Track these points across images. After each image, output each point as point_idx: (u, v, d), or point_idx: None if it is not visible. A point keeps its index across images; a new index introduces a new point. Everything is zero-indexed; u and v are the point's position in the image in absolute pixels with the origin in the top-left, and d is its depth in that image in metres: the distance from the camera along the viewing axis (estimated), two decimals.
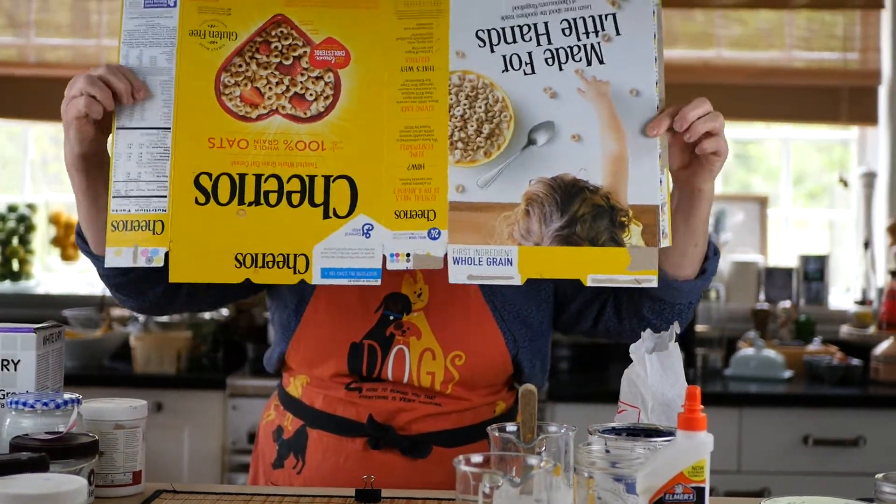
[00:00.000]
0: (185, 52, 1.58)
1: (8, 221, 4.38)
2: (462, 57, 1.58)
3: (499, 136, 1.54)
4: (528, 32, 1.59)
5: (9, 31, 4.38)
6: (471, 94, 1.57)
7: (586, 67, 1.58)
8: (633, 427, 1.43)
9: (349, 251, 1.52)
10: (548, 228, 1.53)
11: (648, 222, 1.55)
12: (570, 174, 1.55)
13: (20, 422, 1.52)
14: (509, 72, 1.58)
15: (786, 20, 4.36)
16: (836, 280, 4.41)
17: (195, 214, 1.53)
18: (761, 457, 3.49)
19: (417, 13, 1.61)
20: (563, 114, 1.57)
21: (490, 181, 1.52)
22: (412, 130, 1.54)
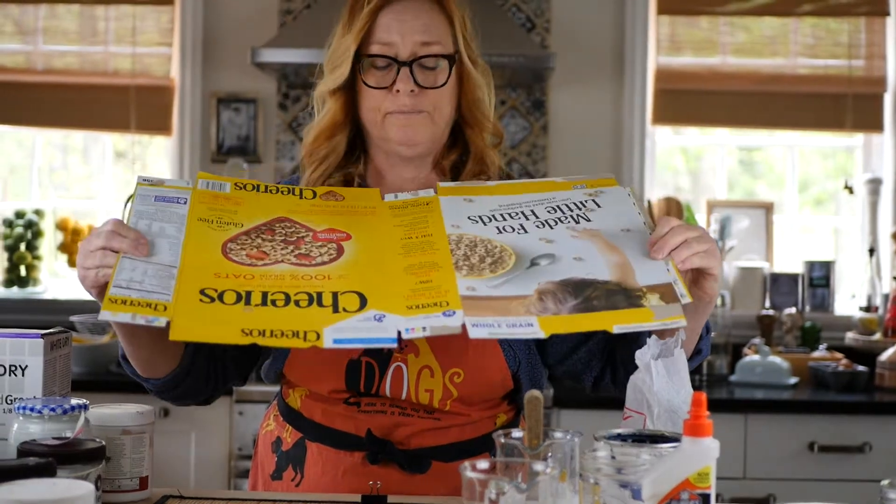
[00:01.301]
0: (192, 229, 1.61)
1: (15, 227, 4.39)
2: (457, 228, 1.66)
3: (502, 263, 1.57)
4: (516, 216, 1.70)
5: (16, 38, 4.39)
6: (469, 244, 1.61)
7: (576, 225, 1.67)
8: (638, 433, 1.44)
9: (363, 330, 1.47)
10: (564, 305, 1.51)
11: (664, 291, 1.53)
12: (577, 277, 1.55)
13: (28, 427, 1.52)
14: (503, 234, 1.65)
15: (791, 27, 4.36)
16: (841, 286, 4.40)
17: (199, 306, 1.46)
18: (767, 463, 3.49)
19: (411, 212, 1.72)
20: (559, 248, 1.61)
21: (499, 285, 1.53)
22: (416, 265, 1.57)
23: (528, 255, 1.58)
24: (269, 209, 1.70)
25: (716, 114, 4.39)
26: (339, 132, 1.90)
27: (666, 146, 4.55)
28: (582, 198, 1.72)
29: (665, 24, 4.35)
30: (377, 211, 1.73)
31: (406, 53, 1.82)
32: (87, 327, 3.96)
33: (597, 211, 1.69)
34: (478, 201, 1.73)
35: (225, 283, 1.51)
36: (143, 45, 4.36)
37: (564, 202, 1.71)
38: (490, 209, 1.71)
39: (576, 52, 4.29)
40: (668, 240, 1.57)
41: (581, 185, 1.76)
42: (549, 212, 1.69)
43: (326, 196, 1.77)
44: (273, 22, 4.30)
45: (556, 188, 1.77)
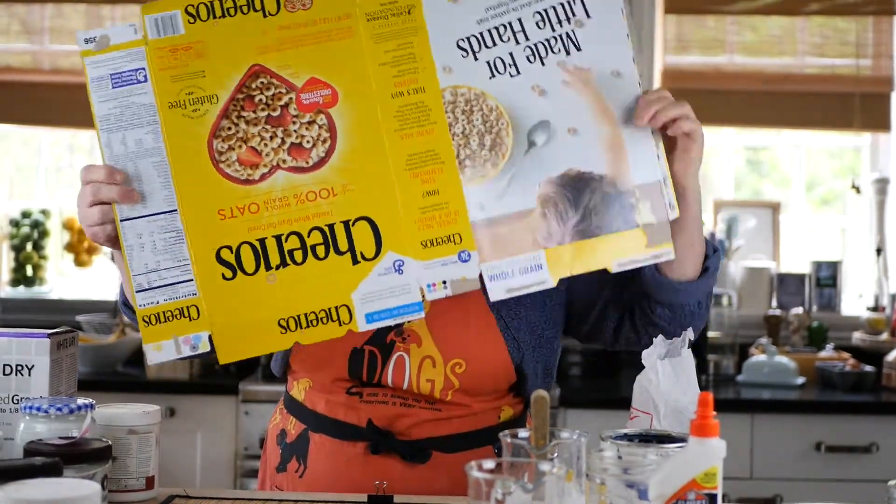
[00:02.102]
0: (170, 126, 1.53)
1: (22, 227, 4.40)
2: (449, 72, 1.57)
3: (501, 144, 1.55)
4: (505, 32, 1.59)
5: (23, 38, 4.40)
6: (465, 108, 1.57)
7: (566, 58, 1.60)
8: (645, 433, 1.43)
9: (386, 291, 1.49)
10: (566, 226, 1.55)
11: (655, 198, 1.60)
12: (574, 169, 1.57)
13: (34, 427, 1.52)
14: (496, 77, 1.58)
15: (798, 26, 4.35)
16: (848, 286, 4.39)
17: (226, 291, 1.48)
18: (773, 463, 3.49)
19: (394, 34, 1.58)
20: (554, 110, 1.59)
21: (504, 190, 1.52)
22: (417, 157, 1.53)
23: (523, 126, 1.57)
24: (237, 52, 1.56)
25: (723, 113, 4.38)
26: None
27: None
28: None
29: (672, 23, 4.34)
30: (353, 30, 1.58)
31: None
32: (93, 327, 3.96)
33: (586, 27, 1.61)
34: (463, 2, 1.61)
35: (234, 230, 1.48)
36: None
37: (552, 1, 1.61)
38: (478, 17, 1.60)
39: None
40: (654, 102, 1.61)
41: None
42: (539, 23, 1.60)
43: (292, 7, 1.58)
44: None
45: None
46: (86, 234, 1.60)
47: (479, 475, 1.19)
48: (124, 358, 3.83)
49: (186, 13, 1.56)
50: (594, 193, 1.56)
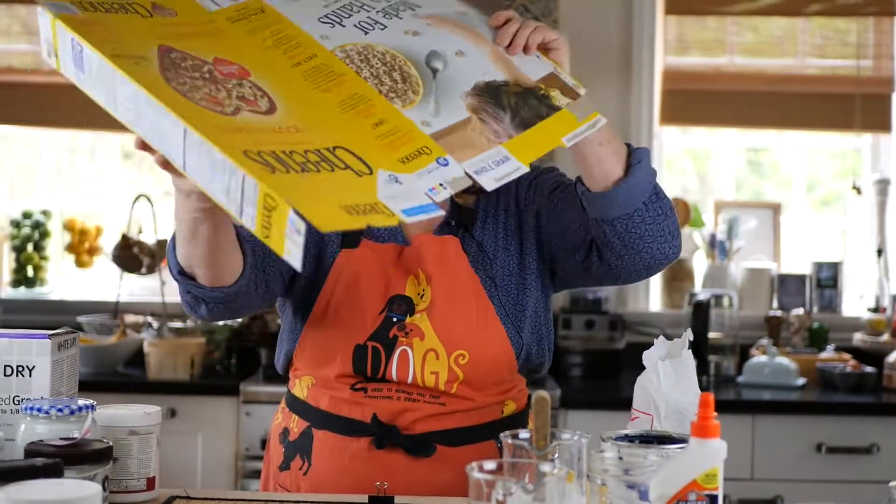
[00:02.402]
0: (127, 71, 1.45)
1: (23, 228, 4.40)
2: (327, 39, 1.60)
3: (409, 76, 1.58)
4: (352, 10, 1.66)
5: (24, 39, 4.40)
6: (361, 58, 1.59)
7: (416, 11, 1.68)
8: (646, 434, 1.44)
9: (399, 197, 1.43)
10: (505, 123, 1.56)
11: (559, 85, 1.66)
12: (480, 81, 1.61)
13: (35, 428, 1.52)
14: (369, 33, 1.63)
15: (799, 27, 4.35)
16: (849, 287, 4.39)
17: (277, 181, 1.35)
18: (774, 464, 3.49)
19: (262, 26, 1.61)
20: (435, 42, 1.64)
21: (437, 113, 1.55)
22: (347, 101, 1.52)
23: (418, 60, 1.61)
24: (139, 37, 1.52)
25: (723, 114, 4.38)
26: None
27: (673, 146, 4.54)
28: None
29: (672, 24, 4.34)
30: (224, 30, 1.58)
31: None
32: (94, 328, 3.97)
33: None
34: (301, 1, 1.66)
35: (242, 142, 1.40)
36: None
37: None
38: (323, 4, 1.66)
39: (583, 52, 4.27)
40: (509, 28, 1.68)
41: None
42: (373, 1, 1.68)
43: (159, 11, 1.57)
44: None
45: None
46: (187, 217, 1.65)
47: (480, 476, 1.19)
48: (125, 359, 3.83)
49: (73, 2, 1.54)
50: (508, 95, 1.60)
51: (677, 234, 1.78)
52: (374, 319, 1.82)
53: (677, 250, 1.79)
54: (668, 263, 1.80)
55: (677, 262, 4.28)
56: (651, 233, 1.74)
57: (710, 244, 4.31)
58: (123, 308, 4.17)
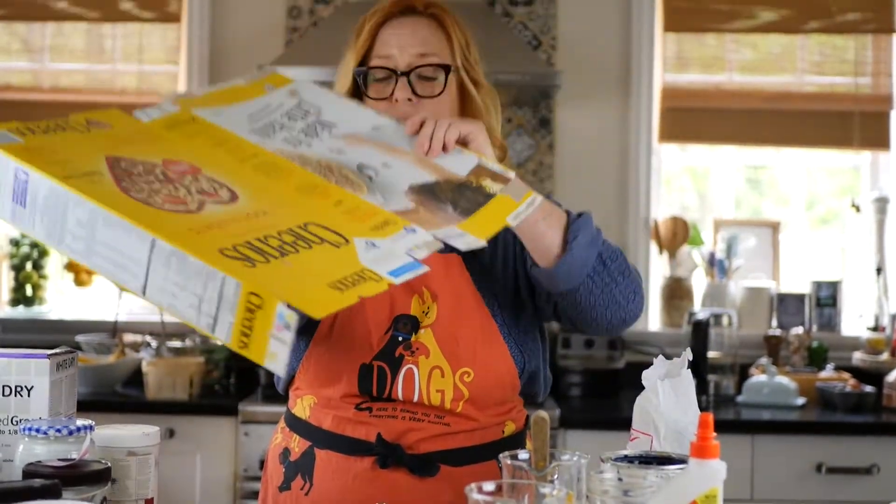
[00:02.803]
0: (84, 191, 1.34)
1: (21, 247, 4.39)
2: (262, 145, 1.60)
3: (347, 177, 1.59)
4: (275, 127, 1.66)
5: (24, 56, 4.41)
6: (299, 161, 1.59)
7: (333, 132, 1.69)
8: (645, 455, 1.43)
9: (382, 259, 1.40)
10: (449, 213, 1.57)
11: (488, 174, 1.65)
12: (413, 184, 1.61)
13: (33, 448, 1.52)
14: (298, 148, 1.63)
15: (798, 45, 4.36)
16: (848, 306, 4.39)
17: (259, 274, 1.30)
18: (774, 484, 3.48)
19: (197, 131, 1.58)
20: (359, 157, 1.64)
21: (385, 202, 1.55)
22: (303, 187, 1.52)
23: (352, 169, 1.61)
24: (84, 152, 1.44)
25: (722, 131, 4.39)
26: None
27: (672, 164, 4.55)
28: (290, 101, 1.73)
29: (671, 41, 4.35)
30: (162, 136, 1.55)
31: (403, 64, 1.89)
32: (92, 347, 3.96)
33: (324, 112, 1.72)
34: (223, 114, 1.66)
35: (216, 240, 1.33)
36: (150, 63, 4.37)
37: (283, 109, 1.71)
38: (246, 122, 1.65)
39: (582, 69, 4.29)
40: (425, 131, 1.69)
41: (270, 86, 1.76)
42: (290, 120, 1.69)
43: (95, 125, 1.51)
44: (279, 40, 4.31)
45: (254, 93, 1.73)
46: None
47: (480, 497, 1.19)
48: (124, 378, 3.82)
49: (12, 132, 1.43)
50: (444, 191, 1.61)
51: (633, 297, 1.81)
52: (380, 339, 1.83)
53: (635, 314, 1.83)
54: (629, 325, 1.85)
55: (676, 281, 4.28)
56: (602, 302, 1.78)
57: (709, 263, 4.31)
58: (122, 327, 4.17)
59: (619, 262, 1.79)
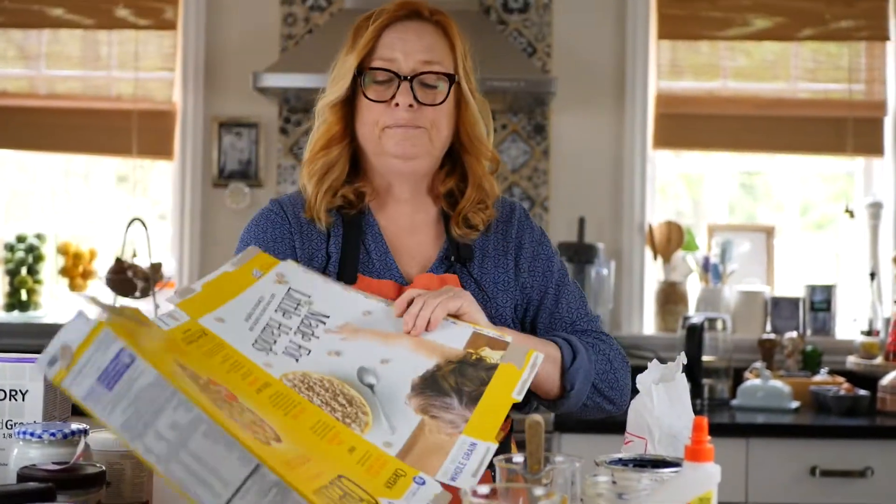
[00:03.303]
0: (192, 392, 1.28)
1: (17, 251, 4.39)
2: (270, 366, 1.57)
3: (352, 398, 1.56)
4: (275, 333, 1.64)
5: (19, 63, 4.41)
6: (304, 386, 1.56)
7: (326, 325, 1.68)
8: (639, 458, 1.43)
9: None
10: (456, 408, 1.56)
11: (485, 343, 1.67)
12: (415, 378, 1.60)
13: (28, 452, 1.52)
14: (300, 360, 1.60)
15: (791, 51, 4.37)
16: (842, 310, 4.40)
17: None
18: (768, 488, 3.48)
19: (213, 349, 1.54)
20: (357, 358, 1.63)
21: (391, 428, 1.53)
22: (317, 427, 1.50)
23: (353, 381, 1.59)
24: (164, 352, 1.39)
25: (716, 138, 4.40)
26: (335, 144, 1.96)
27: (667, 170, 4.55)
28: (280, 290, 1.73)
29: (666, 48, 4.36)
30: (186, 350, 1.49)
31: (407, 69, 1.89)
32: None
33: (315, 302, 1.72)
34: (226, 320, 1.61)
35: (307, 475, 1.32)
36: (146, 69, 4.37)
37: (276, 301, 1.70)
38: (248, 327, 1.63)
39: (577, 76, 4.30)
40: (412, 310, 1.69)
41: (258, 272, 1.75)
42: (285, 316, 1.68)
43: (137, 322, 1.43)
44: (275, 47, 4.32)
45: (244, 283, 1.71)
46: None
47: (474, 501, 1.19)
48: None
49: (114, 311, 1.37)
50: (445, 378, 1.60)
51: (620, 403, 1.99)
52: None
53: (620, 411, 1.96)
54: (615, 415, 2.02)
55: (670, 286, 4.29)
56: (593, 413, 1.99)
57: (703, 268, 4.31)
58: None
59: (609, 378, 1.96)
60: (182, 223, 4.35)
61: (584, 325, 2.02)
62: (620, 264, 4.31)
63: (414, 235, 2.00)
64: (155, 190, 4.60)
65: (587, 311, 2.05)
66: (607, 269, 4.16)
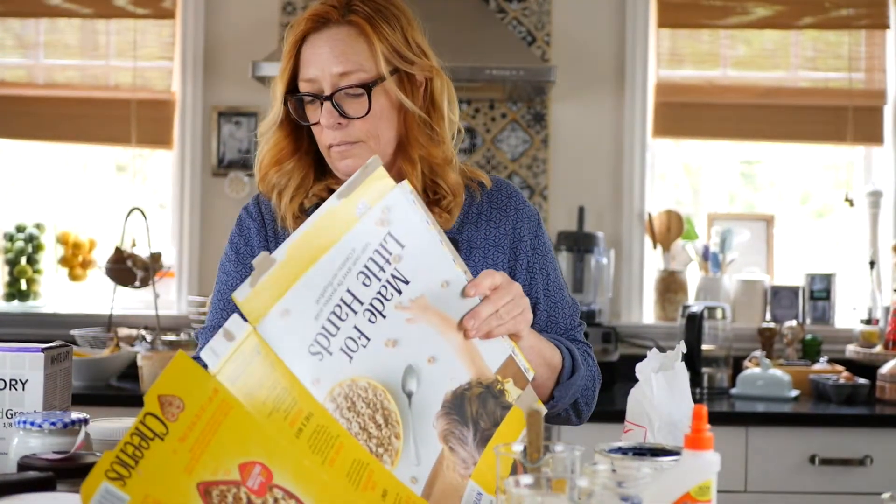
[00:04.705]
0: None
1: (16, 241, 4.39)
2: (318, 383, 1.52)
3: (389, 414, 1.55)
4: (342, 311, 1.54)
5: (18, 52, 4.40)
6: (347, 405, 1.53)
7: (400, 297, 1.58)
8: (639, 446, 1.43)
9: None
10: (468, 446, 1.57)
11: (513, 373, 1.64)
12: (447, 392, 1.58)
13: (28, 441, 1.52)
14: (353, 357, 1.55)
15: (791, 40, 4.37)
16: (841, 299, 4.40)
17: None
18: (768, 476, 3.49)
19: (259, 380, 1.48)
20: (410, 352, 1.58)
21: (417, 456, 1.54)
22: (352, 471, 1.49)
23: (395, 385, 1.56)
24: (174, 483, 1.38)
25: (716, 126, 4.39)
26: (286, 159, 1.94)
27: (666, 159, 4.55)
28: (378, 234, 1.58)
29: (665, 37, 4.36)
30: (228, 401, 1.44)
31: (327, 87, 1.84)
32: (87, 341, 3.96)
33: (404, 258, 1.59)
34: (293, 307, 1.52)
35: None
36: (144, 59, 4.37)
37: (367, 255, 1.57)
38: (314, 314, 1.54)
39: (576, 65, 4.30)
40: (481, 314, 1.58)
41: (365, 204, 1.58)
42: (365, 283, 1.56)
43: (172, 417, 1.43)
44: (274, 35, 4.31)
45: (343, 227, 1.56)
46: None
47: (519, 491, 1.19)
48: (118, 372, 3.82)
49: (116, 484, 1.34)
50: (470, 402, 1.59)
51: (585, 419, 2.05)
52: None
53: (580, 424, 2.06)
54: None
55: (670, 275, 4.29)
56: (556, 421, 2.02)
57: (703, 256, 4.31)
58: (117, 321, 4.17)
59: (588, 395, 1.99)
60: (181, 212, 4.35)
61: (576, 334, 2.02)
62: (620, 253, 4.31)
63: None
64: (154, 179, 4.60)
65: (577, 315, 2.06)
66: (607, 258, 4.16)
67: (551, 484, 1.24)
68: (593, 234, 4.12)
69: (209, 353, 1.40)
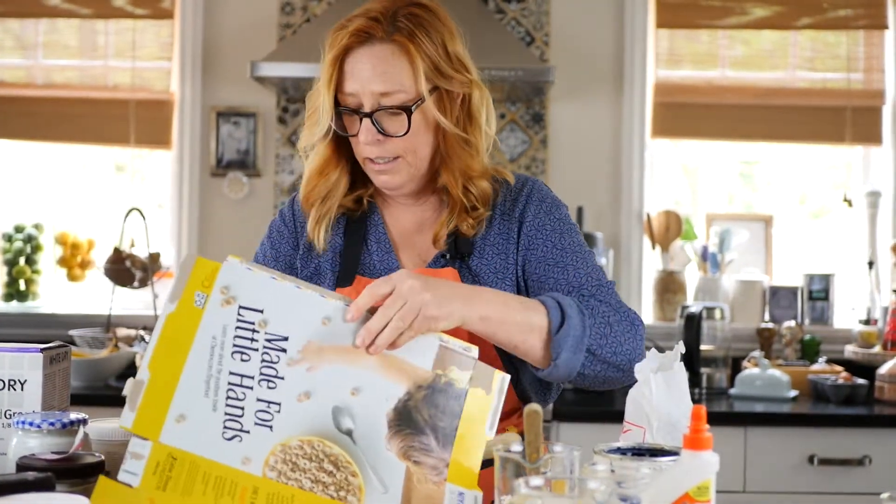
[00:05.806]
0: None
1: (15, 241, 4.39)
2: (249, 462, 1.50)
3: (336, 458, 1.52)
4: (237, 393, 1.52)
5: (17, 53, 4.40)
6: (289, 466, 1.51)
7: (285, 355, 1.55)
8: (638, 447, 1.43)
9: None
10: (434, 450, 1.54)
11: (451, 358, 1.58)
12: (388, 412, 1.55)
13: (26, 442, 1.52)
14: (273, 426, 1.52)
15: (790, 40, 4.37)
16: (840, 299, 4.40)
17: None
18: (766, 477, 3.49)
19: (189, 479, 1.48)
20: (329, 395, 1.54)
21: (383, 483, 1.52)
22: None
23: (331, 432, 1.53)
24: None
25: (715, 127, 4.39)
26: (332, 169, 1.97)
27: (665, 159, 4.55)
28: (230, 314, 1.55)
29: (664, 37, 4.36)
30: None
31: (368, 104, 1.85)
32: (86, 341, 3.96)
33: (270, 320, 1.55)
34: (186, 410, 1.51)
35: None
36: (143, 59, 4.37)
37: (230, 336, 1.54)
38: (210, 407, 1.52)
39: (575, 65, 4.30)
40: (371, 328, 1.54)
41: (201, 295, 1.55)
42: (243, 359, 1.53)
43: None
44: (272, 36, 4.31)
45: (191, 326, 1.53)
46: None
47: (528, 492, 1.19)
48: (117, 372, 3.82)
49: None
50: (418, 409, 1.55)
51: (628, 371, 1.81)
52: None
53: (629, 379, 1.77)
54: (625, 384, 1.82)
55: (668, 275, 4.29)
56: (597, 382, 1.83)
57: (701, 257, 4.31)
58: (115, 321, 4.17)
59: (608, 342, 1.80)
60: (180, 213, 4.35)
61: (590, 289, 1.90)
62: (619, 253, 4.31)
63: (421, 233, 2.00)
64: (153, 179, 4.60)
65: (598, 277, 1.93)
66: (606, 259, 4.16)
67: (551, 484, 1.24)
68: (592, 234, 4.12)
69: (127, 476, 1.41)
